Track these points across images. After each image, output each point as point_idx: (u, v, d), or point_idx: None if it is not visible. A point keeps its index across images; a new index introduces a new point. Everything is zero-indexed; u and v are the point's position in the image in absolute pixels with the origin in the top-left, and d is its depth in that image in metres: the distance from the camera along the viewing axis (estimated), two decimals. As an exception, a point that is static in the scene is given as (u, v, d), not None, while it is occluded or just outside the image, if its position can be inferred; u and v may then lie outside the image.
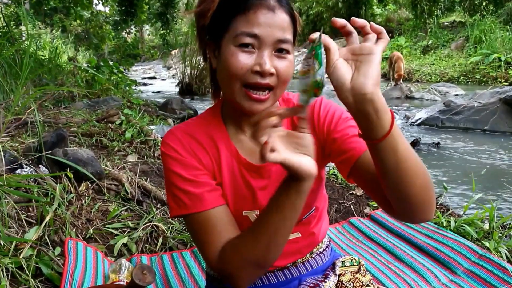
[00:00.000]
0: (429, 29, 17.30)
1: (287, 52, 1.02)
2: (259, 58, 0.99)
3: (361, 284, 1.25)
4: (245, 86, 1.01)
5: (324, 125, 1.14)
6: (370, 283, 1.27)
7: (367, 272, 1.32)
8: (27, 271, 1.65)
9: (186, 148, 1.12)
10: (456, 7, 19.16)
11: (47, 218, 1.98)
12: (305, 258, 1.31)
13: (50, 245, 1.94)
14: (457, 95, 9.31)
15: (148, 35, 30.89)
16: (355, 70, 0.83)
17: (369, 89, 0.81)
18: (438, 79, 13.50)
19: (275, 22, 0.99)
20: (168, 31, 12.97)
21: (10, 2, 10.27)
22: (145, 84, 14.08)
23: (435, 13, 18.06)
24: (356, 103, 0.82)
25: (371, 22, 0.85)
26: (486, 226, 2.37)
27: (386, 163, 0.88)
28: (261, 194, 1.15)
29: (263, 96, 1.02)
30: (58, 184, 2.37)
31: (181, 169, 1.09)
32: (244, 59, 0.99)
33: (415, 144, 5.51)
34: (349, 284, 1.25)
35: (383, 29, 0.85)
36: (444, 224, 2.35)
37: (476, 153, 5.22)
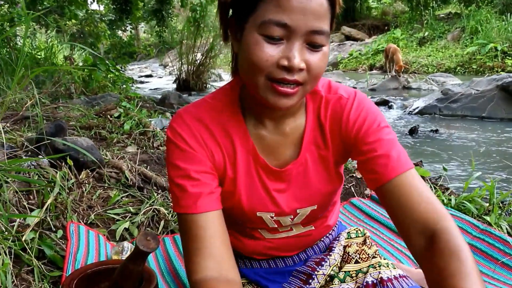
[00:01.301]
0: (425, 21, 17.31)
1: (322, 44, 0.88)
2: (287, 51, 0.86)
3: (367, 255, 1.23)
4: (270, 80, 0.88)
5: (353, 129, 1.03)
6: (376, 254, 1.25)
7: (373, 244, 1.30)
8: (30, 252, 1.65)
9: (197, 137, 1.02)
10: (452, -2, 19.17)
11: (49, 201, 1.98)
12: (315, 244, 1.31)
13: (52, 229, 1.94)
14: (454, 85, 9.33)
15: (144, 33, 30.82)
16: None
17: None
18: (435, 70, 13.53)
19: (309, 8, 0.84)
20: (163, 28, 12.95)
21: (3, 2, 10.23)
22: (141, 82, 14.03)
23: (431, 5, 18.08)
24: None
25: None
26: (486, 204, 2.38)
27: None
28: (279, 197, 1.10)
29: (291, 90, 0.88)
30: (58, 172, 2.36)
31: (184, 162, 1.00)
32: (270, 51, 0.86)
33: (413, 131, 5.52)
34: (356, 256, 1.24)
35: None
36: (445, 202, 2.36)
37: (474, 138, 5.24)
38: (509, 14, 13.99)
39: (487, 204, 2.36)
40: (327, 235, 1.33)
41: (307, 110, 1.07)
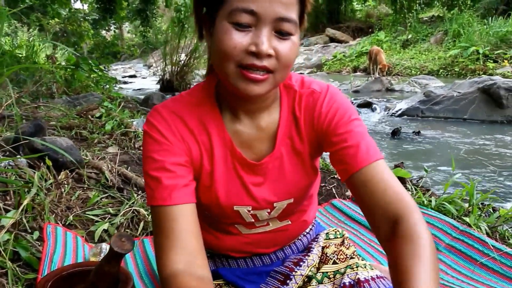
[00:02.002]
0: (409, 24, 17.49)
1: (290, 32, 0.91)
2: (255, 37, 0.88)
3: (345, 256, 1.24)
4: (240, 67, 0.90)
5: (325, 121, 1.04)
6: (354, 255, 1.26)
7: (351, 245, 1.31)
8: (4, 254, 1.61)
9: (173, 130, 1.02)
10: (435, 2, 19.39)
11: (25, 202, 1.94)
12: (292, 241, 1.30)
13: (28, 231, 1.90)
14: (436, 87, 9.43)
15: (128, 32, 30.57)
16: None
17: None
18: (418, 72, 13.67)
19: None
20: (148, 28, 12.87)
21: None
22: (125, 83, 13.97)
23: (414, 8, 18.28)
24: None
25: None
26: (466, 204, 2.40)
27: None
28: (256, 190, 1.10)
29: (260, 76, 0.90)
30: (36, 172, 2.32)
31: (159, 154, 1.00)
32: (239, 38, 0.88)
33: (395, 133, 5.55)
34: (333, 256, 1.24)
35: None
36: (425, 203, 2.37)
37: (455, 140, 5.30)
38: (490, 18, 14.20)
39: (467, 205, 2.38)
40: (305, 233, 1.33)
41: (282, 105, 1.09)
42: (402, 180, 2.73)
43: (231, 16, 0.88)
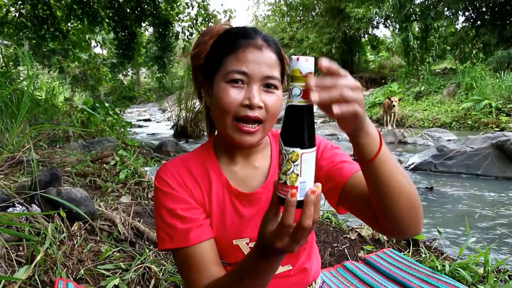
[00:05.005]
0: (421, 76, 17.65)
1: (275, 87, 1.10)
2: (248, 93, 1.06)
3: None
4: (236, 120, 1.08)
5: None
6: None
7: None
8: (15, 312, 1.61)
9: (178, 180, 1.15)
10: (447, 54, 19.64)
11: (38, 258, 1.95)
12: None
13: (39, 286, 1.90)
14: (449, 140, 9.41)
15: (145, 77, 31.19)
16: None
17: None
18: (431, 124, 13.69)
19: (262, 60, 1.08)
20: (164, 74, 13.14)
21: (10, 43, 10.45)
22: (140, 126, 14.16)
23: (427, 60, 18.49)
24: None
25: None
26: (481, 270, 2.35)
27: (379, 182, 0.90)
28: (251, 221, 1.18)
29: (253, 129, 1.08)
30: (50, 224, 2.34)
31: (172, 204, 1.12)
32: (234, 94, 1.06)
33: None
34: None
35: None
36: (439, 268, 2.34)
37: (469, 197, 5.23)
38: (502, 72, 14.29)
39: (482, 271, 2.34)
40: None
41: (272, 149, 1.27)
42: (415, 242, 2.70)
43: (227, 76, 1.07)
